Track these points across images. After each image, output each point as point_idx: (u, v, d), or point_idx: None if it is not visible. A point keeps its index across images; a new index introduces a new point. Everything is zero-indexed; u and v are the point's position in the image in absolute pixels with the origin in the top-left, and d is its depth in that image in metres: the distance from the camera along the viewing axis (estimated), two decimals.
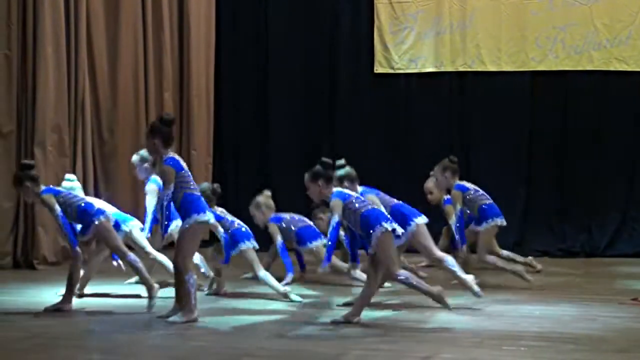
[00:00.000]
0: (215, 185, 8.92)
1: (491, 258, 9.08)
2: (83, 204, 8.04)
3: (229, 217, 8.87)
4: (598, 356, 6.47)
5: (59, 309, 7.86)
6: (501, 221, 9.11)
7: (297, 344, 6.89)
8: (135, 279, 9.11)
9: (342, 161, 8.58)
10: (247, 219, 12.27)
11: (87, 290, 8.71)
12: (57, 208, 7.88)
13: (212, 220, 7.53)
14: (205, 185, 8.78)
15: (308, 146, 12.57)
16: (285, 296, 8.44)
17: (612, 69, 11.78)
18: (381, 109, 12.47)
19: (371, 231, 7.25)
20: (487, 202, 9.14)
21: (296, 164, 12.71)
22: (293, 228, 9.54)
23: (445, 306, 7.55)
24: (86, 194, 10.76)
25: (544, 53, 11.92)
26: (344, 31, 12.59)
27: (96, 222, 7.98)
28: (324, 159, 7.59)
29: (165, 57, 12.09)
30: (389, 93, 12.45)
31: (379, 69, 12.39)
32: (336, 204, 7.33)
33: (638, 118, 11.79)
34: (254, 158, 12.69)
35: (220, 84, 12.74)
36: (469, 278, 8.24)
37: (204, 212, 7.36)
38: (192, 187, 7.36)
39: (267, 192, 9.71)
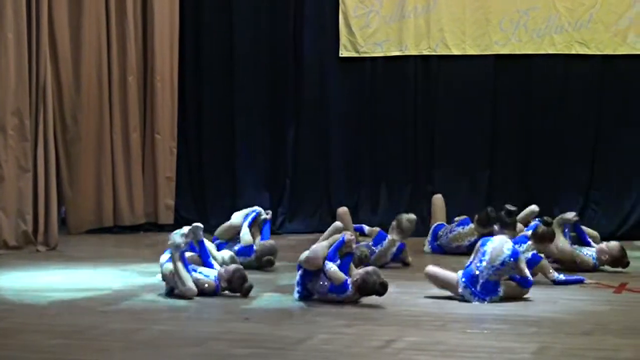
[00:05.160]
0: None
1: None
2: None
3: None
4: (561, 339, 6.52)
5: None
6: None
7: (262, 328, 6.88)
8: None
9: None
10: (211, 200, 12.30)
11: (55, 276, 8.70)
12: None
13: None
14: None
15: (273, 131, 12.51)
16: None
17: (573, 52, 11.82)
18: (347, 93, 12.43)
19: None
20: None
21: (261, 148, 12.70)
22: None
23: None
24: (48, 179, 10.73)
25: (507, 37, 11.93)
26: (308, 14, 12.51)
27: None
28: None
29: (128, 41, 11.98)
30: (355, 77, 12.40)
31: (344, 52, 12.34)
32: None
33: (599, 101, 11.83)
34: (218, 142, 12.61)
35: (185, 67, 12.64)
36: None
37: None
38: None
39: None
